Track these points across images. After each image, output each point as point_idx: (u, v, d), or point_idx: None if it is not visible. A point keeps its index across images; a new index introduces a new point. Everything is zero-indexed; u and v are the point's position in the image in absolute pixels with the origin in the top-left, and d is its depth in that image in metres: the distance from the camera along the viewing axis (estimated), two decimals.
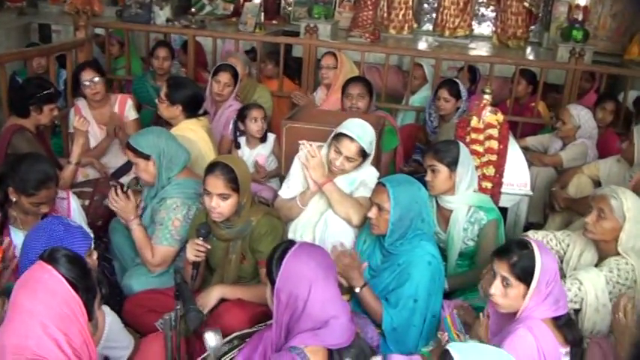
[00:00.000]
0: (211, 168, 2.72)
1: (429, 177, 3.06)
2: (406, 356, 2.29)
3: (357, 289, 2.66)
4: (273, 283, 2.02)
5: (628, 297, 2.29)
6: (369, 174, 3.17)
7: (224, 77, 4.31)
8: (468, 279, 3.03)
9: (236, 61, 4.65)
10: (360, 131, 3.03)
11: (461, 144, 3.15)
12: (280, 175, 3.81)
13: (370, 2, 6.64)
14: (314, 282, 1.95)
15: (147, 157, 3.03)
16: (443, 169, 3.03)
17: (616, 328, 2.28)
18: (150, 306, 2.78)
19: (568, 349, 2.23)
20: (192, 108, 3.76)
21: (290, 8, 7.53)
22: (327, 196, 3.04)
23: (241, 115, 4.06)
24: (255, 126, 4.01)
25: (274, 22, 7.18)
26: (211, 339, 2.21)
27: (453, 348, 1.55)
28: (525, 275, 2.19)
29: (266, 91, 4.88)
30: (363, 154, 3.06)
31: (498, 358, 1.56)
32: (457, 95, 4.44)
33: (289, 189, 3.25)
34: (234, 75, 4.35)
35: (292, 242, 2.09)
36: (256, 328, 2.47)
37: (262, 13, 6.62)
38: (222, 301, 2.71)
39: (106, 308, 2.22)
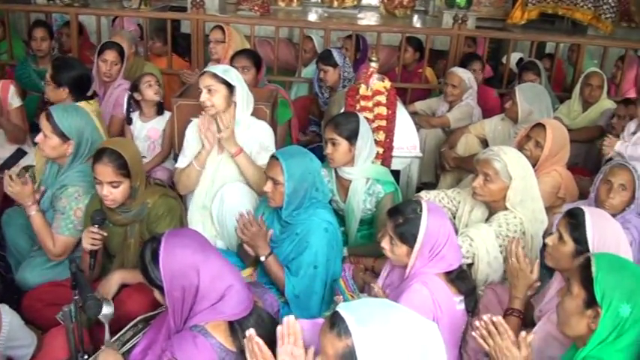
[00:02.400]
0: (99, 155, 2.63)
1: (329, 150, 3.09)
2: (311, 320, 2.34)
3: (263, 258, 2.70)
4: (158, 287, 1.98)
5: (517, 241, 2.44)
6: (263, 132, 3.24)
7: (110, 55, 4.18)
8: (368, 250, 3.12)
9: (121, 39, 4.50)
10: (212, 67, 3.18)
11: (361, 117, 3.20)
12: (175, 153, 3.75)
13: None
14: (199, 266, 1.93)
15: (66, 139, 2.87)
16: (343, 143, 3.07)
17: (511, 272, 2.42)
18: (49, 299, 2.69)
19: (462, 297, 2.37)
20: (80, 90, 3.61)
21: None
22: (240, 165, 3.09)
23: (134, 86, 3.98)
24: (151, 90, 3.94)
25: None
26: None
27: (341, 308, 1.59)
28: (407, 238, 2.30)
29: (154, 69, 4.72)
30: (225, 83, 3.09)
31: (386, 308, 1.63)
32: (334, 64, 4.52)
33: (186, 158, 3.24)
34: (121, 52, 4.23)
35: (154, 241, 2.01)
36: (160, 310, 2.45)
37: None
38: (124, 286, 2.65)
39: (4, 307, 2.16)
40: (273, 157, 2.78)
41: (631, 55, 5.36)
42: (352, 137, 3.07)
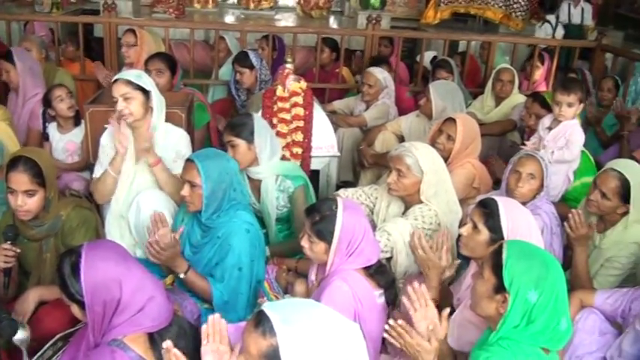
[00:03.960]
0: (13, 163, 2.54)
1: (230, 152, 3.07)
2: (234, 324, 2.33)
3: (182, 275, 2.64)
4: (77, 302, 1.91)
5: (417, 233, 2.50)
6: (179, 140, 3.18)
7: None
8: (289, 247, 3.14)
9: (30, 44, 4.40)
10: (124, 74, 3.08)
11: (255, 116, 3.21)
12: (89, 163, 3.65)
13: None
14: (122, 278, 1.89)
15: None
16: (241, 143, 3.07)
17: (421, 264, 2.50)
18: None
19: (382, 291, 2.42)
20: None
21: None
22: (157, 176, 3.03)
23: (46, 101, 3.88)
24: (63, 104, 3.86)
25: (73, 0, 6.78)
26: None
27: (266, 307, 1.59)
28: (324, 235, 2.34)
29: (67, 76, 4.62)
30: (140, 89, 3.01)
31: (310, 308, 1.65)
32: (250, 66, 4.51)
33: (102, 167, 3.16)
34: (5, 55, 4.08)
35: (73, 254, 1.93)
36: (79, 326, 2.38)
37: None
38: (43, 304, 2.56)
39: None
40: (188, 160, 2.74)
41: (540, 50, 5.61)
42: (248, 136, 3.08)
